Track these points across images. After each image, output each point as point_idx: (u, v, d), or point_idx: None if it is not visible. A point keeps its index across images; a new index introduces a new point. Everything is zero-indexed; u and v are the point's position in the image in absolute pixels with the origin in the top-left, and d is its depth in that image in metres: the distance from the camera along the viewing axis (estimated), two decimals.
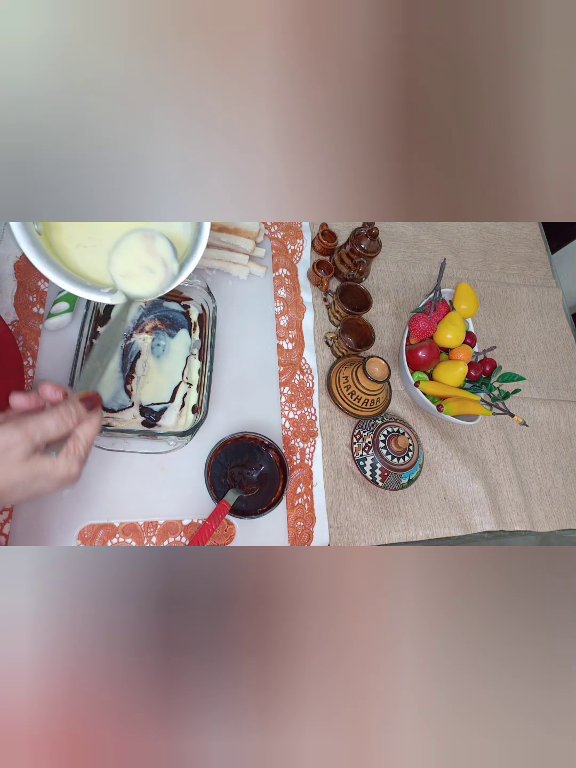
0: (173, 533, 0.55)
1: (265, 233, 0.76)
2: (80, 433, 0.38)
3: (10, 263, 0.61)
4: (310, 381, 0.69)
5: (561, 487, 0.75)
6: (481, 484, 0.70)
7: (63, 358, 0.57)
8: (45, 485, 0.37)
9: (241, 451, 0.60)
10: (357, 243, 0.71)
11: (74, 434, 0.38)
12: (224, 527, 0.58)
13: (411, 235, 0.88)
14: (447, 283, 0.84)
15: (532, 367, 0.83)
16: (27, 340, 0.58)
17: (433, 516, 0.67)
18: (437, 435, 0.72)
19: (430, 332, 0.72)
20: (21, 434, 0.35)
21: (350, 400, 0.65)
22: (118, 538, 0.54)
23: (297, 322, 0.72)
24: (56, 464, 0.37)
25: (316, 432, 0.66)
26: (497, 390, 0.71)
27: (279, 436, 0.64)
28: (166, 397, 0.58)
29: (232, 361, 0.66)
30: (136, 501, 0.56)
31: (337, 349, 0.71)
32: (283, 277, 0.74)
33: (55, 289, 0.61)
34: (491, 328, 0.84)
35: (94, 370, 0.42)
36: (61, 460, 0.37)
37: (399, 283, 0.82)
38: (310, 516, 0.61)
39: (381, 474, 0.63)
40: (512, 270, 0.91)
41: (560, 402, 0.81)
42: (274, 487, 0.59)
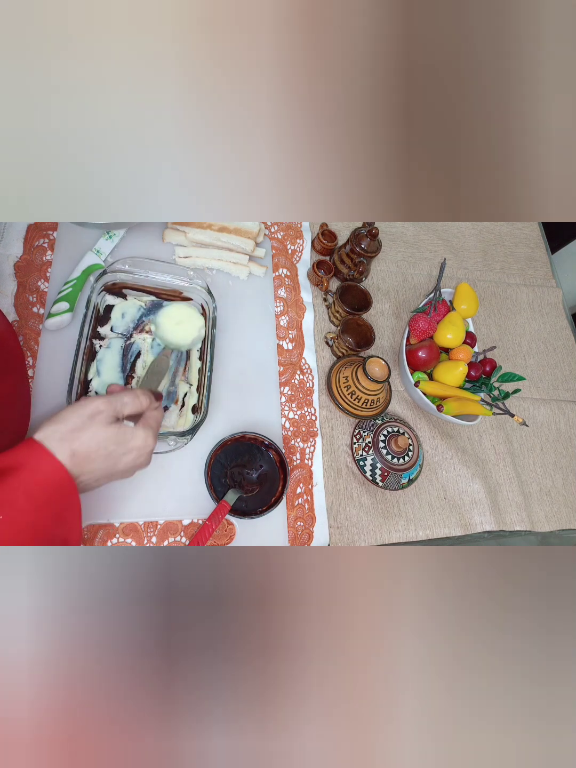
0: (173, 533, 0.55)
1: (265, 233, 0.76)
2: (150, 415, 0.45)
3: (10, 263, 0.61)
4: (310, 381, 0.69)
5: (561, 487, 0.75)
6: (481, 484, 0.70)
7: (63, 358, 0.57)
8: (124, 453, 0.41)
9: (241, 451, 0.60)
10: (357, 243, 0.71)
11: (146, 415, 0.45)
12: (224, 527, 0.58)
13: (411, 235, 0.88)
14: (447, 283, 0.84)
15: (532, 367, 0.83)
16: (27, 340, 0.58)
17: (433, 516, 0.67)
18: (437, 435, 0.72)
19: (430, 332, 0.72)
20: (105, 403, 0.41)
21: (350, 400, 0.65)
22: (118, 538, 0.54)
23: (297, 322, 0.72)
24: (136, 432, 0.42)
25: (316, 432, 0.66)
26: (497, 390, 0.71)
27: (279, 436, 0.64)
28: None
29: (232, 361, 0.66)
30: (136, 501, 0.55)
31: (337, 349, 0.71)
32: (283, 277, 0.74)
33: (55, 289, 0.61)
34: (491, 328, 0.84)
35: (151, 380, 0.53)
36: (139, 429, 0.43)
37: (399, 283, 0.82)
38: (310, 516, 0.61)
39: (381, 474, 0.63)
40: (512, 270, 0.91)
41: (560, 402, 0.81)
42: (274, 487, 0.59)
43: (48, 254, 0.63)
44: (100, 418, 0.40)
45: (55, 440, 0.37)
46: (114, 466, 0.41)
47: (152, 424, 0.44)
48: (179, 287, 0.62)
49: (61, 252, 0.64)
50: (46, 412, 0.55)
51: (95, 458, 0.39)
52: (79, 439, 0.38)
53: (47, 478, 0.36)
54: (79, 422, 0.39)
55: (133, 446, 0.42)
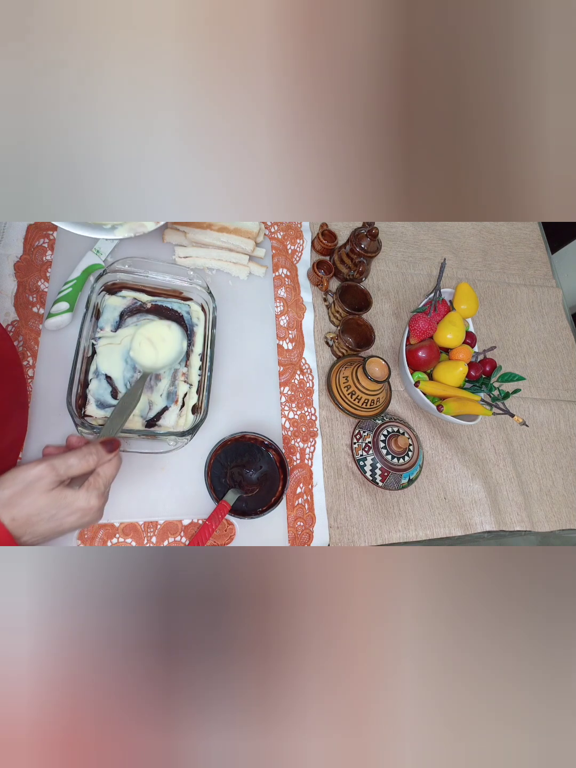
0: (173, 533, 0.55)
1: (265, 233, 0.76)
2: (101, 471, 0.44)
3: (10, 263, 0.61)
4: (310, 381, 0.69)
5: (561, 487, 0.75)
6: (481, 484, 0.70)
7: (63, 358, 0.57)
8: (67, 515, 0.42)
9: (241, 451, 0.60)
10: (357, 243, 0.71)
11: (95, 472, 0.44)
12: (224, 527, 0.58)
13: (411, 235, 0.88)
14: (447, 283, 0.84)
15: (532, 367, 0.83)
16: (27, 340, 0.58)
17: (433, 516, 0.67)
18: (437, 435, 0.72)
19: (430, 332, 0.72)
20: (48, 468, 0.41)
21: (350, 400, 0.65)
22: (118, 538, 0.54)
23: (297, 322, 0.72)
24: (77, 495, 0.42)
25: (316, 432, 0.66)
26: (497, 390, 0.71)
27: (279, 436, 0.64)
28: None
29: (232, 361, 0.66)
30: (136, 501, 0.55)
31: (337, 349, 0.71)
32: (283, 277, 0.74)
33: (55, 289, 0.61)
34: (491, 328, 0.84)
35: (114, 424, 0.49)
36: (81, 492, 0.42)
37: (399, 283, 0.82)
38: (310, 516, 0.61)
39: (381, 474, 0.63)
40: (512, 270, 0.91)
41: (560, 402, 0.81)
42: (274, 487, 0.59)
43: (48, 254, 0.63)
44: (41, 485, 0.40)
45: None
46: (59, 527, 0.42)
47: (99, 484, 0.43)
48: (179, 287, 0.62)
49: (61, 252, 0.64)
50: (46, 412, 0.55)
51: (36, 522, 0.40)
52: (18, 504, 0.39)
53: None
54: (19, 488, 0.40)
55: (77, 508, 0.42)
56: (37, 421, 0.55)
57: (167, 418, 0.57)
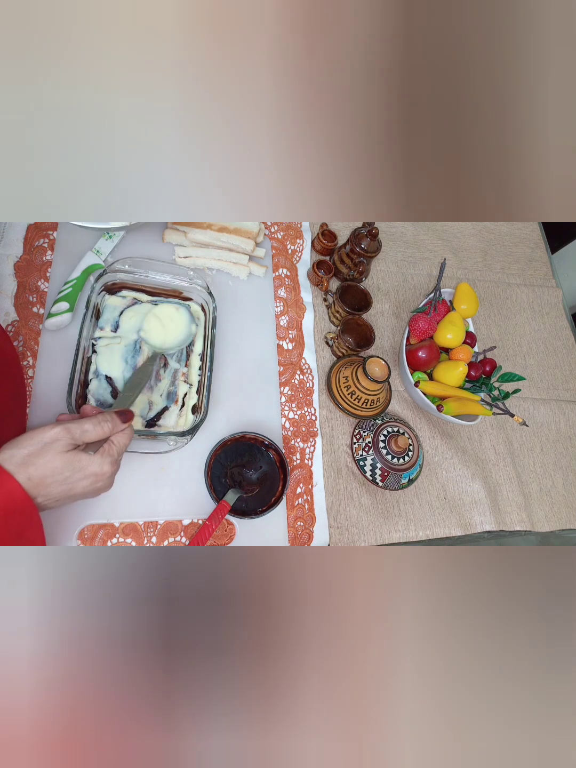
0: (173, 533, 0.55)
1: (265, 233, 0.76)
2: (115, 439, 0.45)
3: (10, 263, 0.61)
4: (310, 381, 0.69)
5: (561, 487, 0.75)
6: (481, 484, 0.70)
7: (63, 358, 0.57)
8: (81, 479, 0.42)
9: (241, 451, 0.60)
10: (357, 243, 0.71)
11: (110, 440, 0.45)
12: (224, 527, 0.58)
13: (411, 235, 0.88)
14: (447, 283, 0.84)
15: (532, 367, 0.83)
16: (27, 340, 0.58)
17: (433, 516, 0.67)
18: (437, 435, 0.72)
19: (430, 332, 0.72)
20: (64, 430, 0.42)
21: (350, 400, 0.65)
22: (118, 538, 0.54)
23: (297, 322, 0.72)
24: (92, 459, 0.43)
25: (316, 432, 0.66)
26: (497, 390, 0.71)
27: (279, 436, 0.64)
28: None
29: (232, 361, 0.66)
30: (136, 501, 0.56)
31: (337, 349, 0.71)
32: (283, 277, 0.74)
33: (55, 289, 0.61)
34: (491, 328, 0.84)
35: (126, 397, 0.52)
36: (96, 457, 0.43)
37: (399, 283, 0.82)
38: (310, 516, 0.61)
39: (381, 474, 0.63)
40: (512, 270, 0.91)
41: (560, 402, 0.81)
42: (274, 487, 0.59)
43: (48, 254, 0.63)
44: (57, 446, 0.41)
45: (13, 464, 0.39)
46: (71, 490, 0.42)
47: (112, 451, 0.44)
48: (179, 287, 0.62)
49: (61, 252, 0.64)
50: (45, 411, 0.55)
51: (50, 483, 0.40)
52: (34, 464, 0.40)
53: (7, 497, 0.38)
54: (36, 449, 0.40)
55: (90, 472, 0.43)
56: (36, 421, 0.55)
57: (167, 418, 0.57)
